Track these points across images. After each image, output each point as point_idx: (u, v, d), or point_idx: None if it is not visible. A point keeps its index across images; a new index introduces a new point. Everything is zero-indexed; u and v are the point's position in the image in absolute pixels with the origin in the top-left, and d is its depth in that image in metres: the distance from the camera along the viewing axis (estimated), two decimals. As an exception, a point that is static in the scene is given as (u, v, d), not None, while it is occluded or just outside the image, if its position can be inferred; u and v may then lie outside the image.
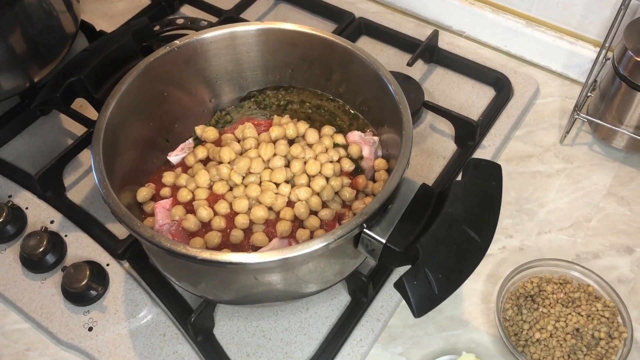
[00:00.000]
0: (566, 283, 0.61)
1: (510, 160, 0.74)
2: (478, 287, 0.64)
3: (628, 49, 0.65)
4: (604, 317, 0.58)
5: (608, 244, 0.67)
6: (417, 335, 0.61)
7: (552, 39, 0.80)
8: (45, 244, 0.62)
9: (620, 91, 0.68)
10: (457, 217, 0.47)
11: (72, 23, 0.76)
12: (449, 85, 0.80)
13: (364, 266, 0.62)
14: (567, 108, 0.78)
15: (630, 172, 0.72)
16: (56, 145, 0.75)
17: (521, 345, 0.58)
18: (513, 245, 0.67)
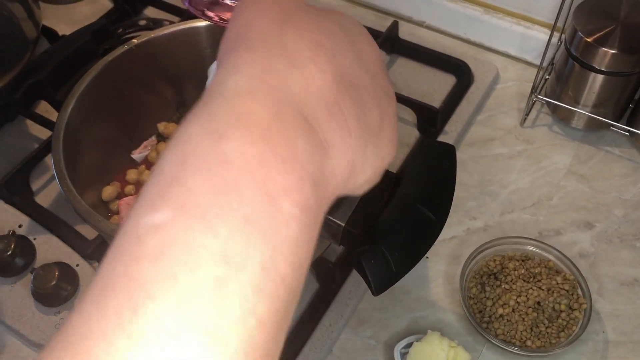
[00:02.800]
0: (527, 259, 0.62)
1: (473, 144, 0.75)
2: (443, 269, 0.65)
3: (578, 30, 0.67)
4: (564, 289, 0.59)
5: (569, 221, 0.68)
6: (386, 318, 0.62)
7: (509, 25, 0.82)
8: (13, 248, 0.62)
9: (574, 72, 0.70)
10: (412, 196, 0.49)
11: (33, 29, 0.76)
12: (410, 75, 0.82)
13: (331, 253, 0.63)
14: (526, 91, 0.80)
15: (589, 150, 0.74)
16: (23, 151, 0.75)
17: (485, 321, 0.59)
18: (477, 227, 0.68)
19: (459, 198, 0.69)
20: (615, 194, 0.70)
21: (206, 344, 0.19)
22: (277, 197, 0.21)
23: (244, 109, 0.23)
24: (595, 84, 0.69)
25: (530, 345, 0.57)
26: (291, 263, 0.22)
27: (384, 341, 0.60)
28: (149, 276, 0.20)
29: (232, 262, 0.20)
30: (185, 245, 0.20)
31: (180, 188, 0.21)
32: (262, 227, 0.21)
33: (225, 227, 0.20)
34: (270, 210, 0.21)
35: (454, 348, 0.56)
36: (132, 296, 0.19)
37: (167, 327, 0.19)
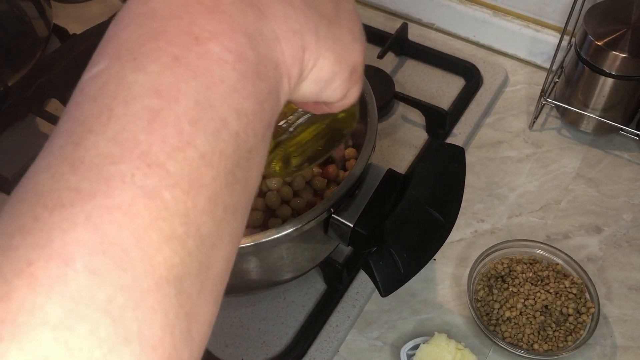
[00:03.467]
0: (535, 262, 0.62)
1: (481, 147, 0.75)
2: (450, 271, 0.65)
3: (588, 34, 0.67)
4: (571, 293, 0.59)
5: (577, 225, 0.68)
6: (392, 320, 0.62)
7: (519, 28, 0.82)
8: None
9: (584, 75, 0.70)
10: (421, 198, 0.49)
11: (44, 27, 0.77)
12: (419, 77, 0.82)
13: (338, 254, 0.63)
14: (535, 94, 0.80)
15: (598, 154, 0.74)
16: (32, 149, 0.75)
17: (492, 324, 0.59)
18: (485, 229, 0.68)
19: (466, 200, 0.69)
20: (624, 198, 0.70)
21: (143, 167, 0.20)
22: (205, 40, 0.22)
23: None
24: (605, 88, 0.69)
25: (537, 348, 0.57)
26: (233, 108, 0.22)
27: (391, 343, 0.60)
28: (88, 114, 0.21)
29: (164, 95, 0.21)
30: (119, 83, 0.21)
31: (113, 41, 0.23)
32: (191, 65, 0.22)
33: (155, 64, 0.21)
34: (198, 51, 0.22)
35: (460, 350, 0.56)
36: (74, 132, 0.21)
37: (105, 153, 0.20)
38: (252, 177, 0.24)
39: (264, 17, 0.24)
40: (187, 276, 0.20)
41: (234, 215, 0.23)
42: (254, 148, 0.23)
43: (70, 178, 0.20)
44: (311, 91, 0.28)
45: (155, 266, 0.19)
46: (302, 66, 0.26)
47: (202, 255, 0.21)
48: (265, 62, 0.24)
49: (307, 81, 0.28)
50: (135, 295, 0.19)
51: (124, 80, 0.21)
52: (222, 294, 0.23)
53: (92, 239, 0.19)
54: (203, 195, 0.21)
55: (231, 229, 0.23)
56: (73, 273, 0.18)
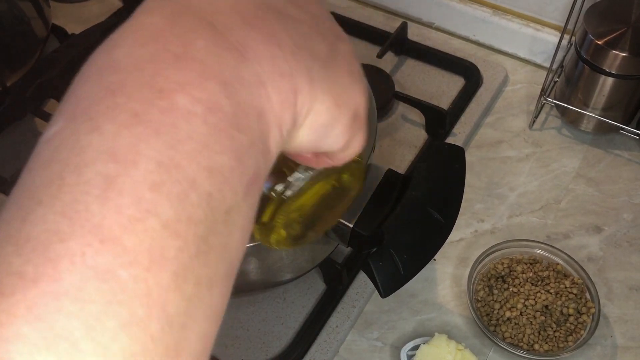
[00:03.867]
0: (535, 262, 0.62)
1: (481, 146, 0.75)
2: (451, 271, 0.65)
3: (588, 33, 0.67)
4: (572, 293, 0.59)
5: (578, 224, 0.68)
6: (392, 320, 0.62)
7: (519, 27, 0.81)
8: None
9: (584, 75, 0.70)
10: (421, 199, 0.49)
11: (43, 27, 0.76)
12: (419, 76, 0.81)
13: (338, 254, 0.63)
14: (535, 94, 0.79)
15: (598, 153, 0.74)
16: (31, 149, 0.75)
17: (493, 324, 0.59)
18: (485, 229, 0.68)
19: (466, 200, 0.69)
20: (625, 197, 0.70)
21: (97, 245, 0.18)
22: (169, 92, 0.20)
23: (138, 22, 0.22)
24: (605, 87, 0.69)
25: (538, 349, 0.57)
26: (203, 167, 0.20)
27: (391, 343, 0.60)
28: (38, 183, 0.19)
29: (120, 159, 0.19)
30: (72, 147, 0.19)
31: (72, 98, 0.21)
32: (153, 122, 0.19)
33: (112, 124, 0.19)
34: (161, 105, 0.20)
35: (461, 351, 0.56)
36: (22, 205, 0.19)
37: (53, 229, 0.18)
38: (233, 242, 0.21)
39: (245, 60, 0.22)
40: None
41: (208, 289, 0.20)
42: (234, 208, 0.21)
43: (13, 260, 0.17)
44: (309, 140, 0.26)
45: (110, 359, 0.17)
46: (295, 112, 0.24)
47: (169, 338, 0.18)
48: (246, 110, 0.21)
49: (303, 129, 0.25)
50: None
51: (78, 143, 0.19)
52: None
53: (34, 333, 0.16)
54: (167, 270, 0.18)
55: (207, 304, 0.20)
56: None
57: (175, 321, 0.19)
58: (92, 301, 0.17)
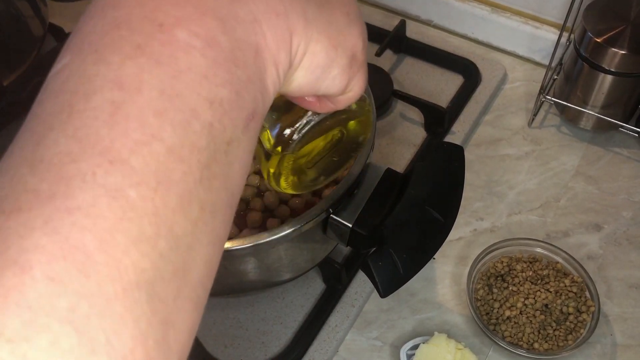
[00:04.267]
0: (535, 261, 0.62)
1: (480, 144, 0.75)
2: (450, 270, 0.65)
3: (587, 31, 0.66)
4: (572, 292, 0.59)
5: (577, 222, 0.68)
6: (392, 319, 0.62)
7: (518, 24, 0.81)
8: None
9: (583, 72, 0.69)
10: (420, 198, 0.48)
11: (40, 26, 0.76)
12: (418, 74, 0.81)
13: (337, 254, 0.63)
14: (534, 92, 0.79)
15: (597, 151, 0.74)
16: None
17: (492, 323, 0.59)
18: (484, 228, 0.68)
19: (466, 199, 0.68)
20: (624, 195, 0.70)
21: (106, 165, 0.19)
22: (169, 26, 0.21)
23: None
24: (604, 85, 0.69)
25: (538, 347, 0.57)
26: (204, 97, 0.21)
27: (390, 342, 0.60)
28: (50, 111, 0.20)
29: (126, 87, 0.20)
30: (80, 77, 0.20)
31: (78, 35, 0.22)
32: (155, 54, 0.21)
33: (117, 55, 0.20)
34: (162, 38, 0.21)
35: (460, 350, 0.56)
36: (35, 131, 0.20)
37: (65, 151, 0.19)
38: (234, 173, 0.22)
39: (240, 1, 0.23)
40: (160, 281, 0.19)
41: (212, 215, 0.21)
42: (234, 140, 0.22)
43: (28, 180, 0.19)
44: (307, 81, 0.26)
45: (123, 271, 0.18)
46: (290, 51, 0.24)
47: (177, 257, 0.20)
48: (242, 47, 0.22)
49: (300, 70, 0.26)
50: (100, 302, 0.17)
51: (85, 73, 0.20)
52: (205, 299, 0.22)
53: (52, 244, 0.17)
54: (173, 192, 0.19)
55: (211, 229, 0.21)
56: (31, 281, 0.17)
57: (182, 242, 0.20)
58: (104, 217, 0.18)
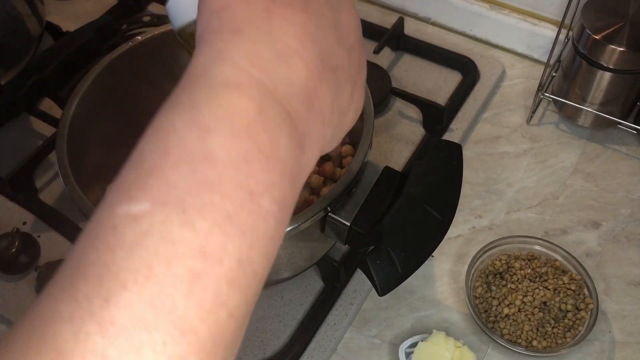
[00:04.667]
0: (534, 259, 0.62)
1: (478, 142, 0.75)
2: (449, 268, 0.65)
3: (586, 28, 0.66)
4: (570, 289, 0.59)
5: (576, 220, 0.68)
6: (390, 317, 0.62)
7: (516, 21, 0.81)
8: (17, 245, 0.62)
9: (582, 69, 0.69)
10: (418, 196, 0.48)
11: (37, 25, 0.76)
12: (416, 72, 0.81)
13: (336, 252, 0.63)
14: (532, 89, 0.79)
15: (596, 148, 0.73)
16: (27, 148, 0.75)
17: (491, 321, 0.59)
18: (483, 225, 0.68)
19: (464, 196, 0.68)
20: (623, 192, 0.70)
21: (177, 335, 0.19)
22: (258, 195, 0.22)
23: (231, 104, 0.22)
24: (602, 82, 0.68)
25: (536, 345, 0.57)
26: (265, 256, 0.22)
27: (389, 340, 0.60)
28: (123, 265, 0.20)
29: (209, 257, 0.20)
30: (163, 237, 0.20)
31: (160, 180, 0.21)
32: (241, 224, 0.21)
33: (205, 222, 0.20)
34: (250, 208, 0.21)
35: (459, 348, 0.56)
36: (105, 284, 0.19)
37: (139, 316, 0.19)
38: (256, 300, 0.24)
39: (304, 150, 0.25)
40: None
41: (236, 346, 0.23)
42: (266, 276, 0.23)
43: (97, 341, 0.18)
44: None
45: None
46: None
47: None
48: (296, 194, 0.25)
49: None
50: None
51: (170, 235, 0.20)
52: None
53: None
54: (222, 347, 0.21)
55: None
56: None
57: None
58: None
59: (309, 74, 0.25)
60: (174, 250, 0.20)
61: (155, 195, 0.21)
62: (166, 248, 0.20)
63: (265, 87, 0.23)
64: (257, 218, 0.21)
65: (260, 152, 0.22)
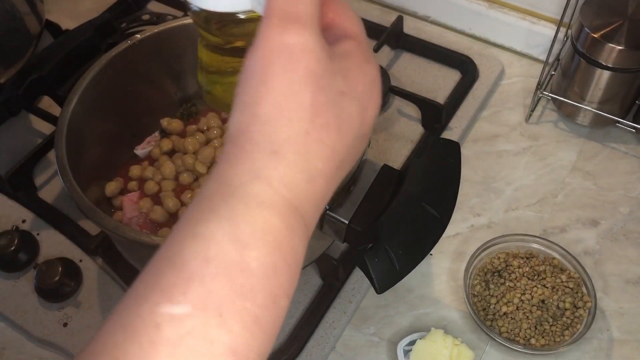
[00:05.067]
0: (532, 257, 0.62)
1: (477, 140, 0.75)
2: (447, 266, 0.65)
3: (585, 26, 0.66)
4: (568, 288, 0.59)
5: (574, 218, 0.68)
6: (389, 315, 0.62)
7: (515, 20, 0.81)
8: (16, 243, 0.63)
9: (580, 68, 0.69)
10: (416, 195, 0.48)
11: (36, 23, 0.76)
12: (415, 70, 0.81)
13: (334, 250, 0.63)
14: (531, 87, 0.79)
15: (595, 147, 0.74)
16: (26, 145, 0.75)
17: (489, 319, 0.59)
18: (481, 224, 0.68)
19: (463, 194, 0.69)
20: (621, 191, 0.70)
21: None
22: (279, 297, 0.26)
23: (266, 223, 0.26)
24: (601, 80, 0.69)
25: (535, 343, 0.57)
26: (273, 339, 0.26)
27: (387, 338, 0.60)
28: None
29: (239, 354, 0.24)
30: (203, 338, 0.23)
31: (202, 288, 0.24)
32: (263, 324, 0.25)
33: (238, 325, 0.24)
34: (273, 309, 0.25)
35: (457, 346, 0.56)
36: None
37: None
38: None
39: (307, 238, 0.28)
40: None
41: None
42: None
43: None
44: None
45: None
46: None
47: None
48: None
49: None
50: None
51: (208, 335, 0.23)
52: None
53: None
54: None
55: None
56: None
57: None
58: None
59: (327, 186, 0.29)
60: (212, 349, 0.23)
61: (197, 300, 0.24)
62: (205, 347, 0.23)
63: (294, 206, 0.27)
64: (276, 315, 0.26)
65: (285, 262, 0.26)
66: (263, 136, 0.26)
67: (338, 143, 0.28)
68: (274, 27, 0.27)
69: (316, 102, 0.27)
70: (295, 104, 0.27)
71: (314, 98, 0.27)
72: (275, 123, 0.26)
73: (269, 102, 0.27)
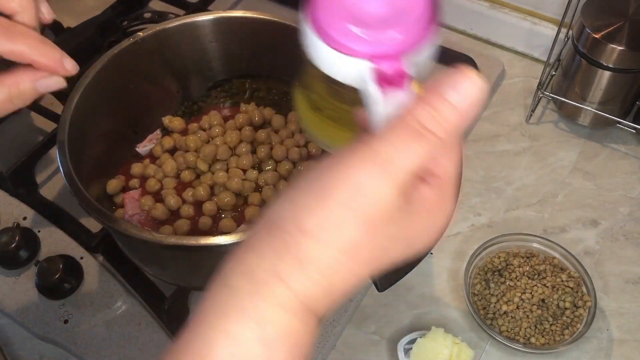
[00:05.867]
0: (532, 256, 0.62)
1: (478, 140, 0.75)
2: (447, 265, 0.65)
3: (586, 27, 0.66)
4: (568, 287, 0.59)
5: (574, 218, 0.68)
6: (389, 314, 0.62)
7: (516, 20, 0.81)
8: (17, 240, 0.63)
9: (581, 68, 0.70)
10: (418, 193, 0.48)
11: (38, 21, 0.76)
12: (416, 70, 0.81)
13: (335, 249, 0.63)
14: (532, 88, 0.79)
15: (595, 147, 0.74)
16: (27, 143, 0.75)
17: (489, 318, 0.59)
18: (482, 223, 0.68)
19: (464, 194, 0.69)
20: (621, 191, 0.70)
21: None
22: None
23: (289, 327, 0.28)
24: (602, 81, 0.69)
25: (535, 342, 0.57)
26: None
27: (388, 337, 0.60)
28: None
29: None
30: None
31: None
32: None
33: None
34: None
35: (457, 344, 0.56)
36: None
37: None
38: None
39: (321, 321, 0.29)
40: None
41: None
42: None
43: None
44: None
45: None
46: None
47: None
48: None
49: None
50: None
51: None
52: None
53: None
54: None
55: None
56: None
57: None
58: None
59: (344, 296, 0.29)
60: None
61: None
62: None
63: (310, 309, 0.28)
64: None
65: (303, 357, 0.28)
66: (296, 244, 0.27)
67: (368, 272, 0.29)
68: (366, 160, 0.27)
69: (360, 242, 0.27)
70: (338, 234, 0.27)
71: (360, 237, 0.27)
72: (311, 239, 0.27)
73: (316, 218, 0.27)
